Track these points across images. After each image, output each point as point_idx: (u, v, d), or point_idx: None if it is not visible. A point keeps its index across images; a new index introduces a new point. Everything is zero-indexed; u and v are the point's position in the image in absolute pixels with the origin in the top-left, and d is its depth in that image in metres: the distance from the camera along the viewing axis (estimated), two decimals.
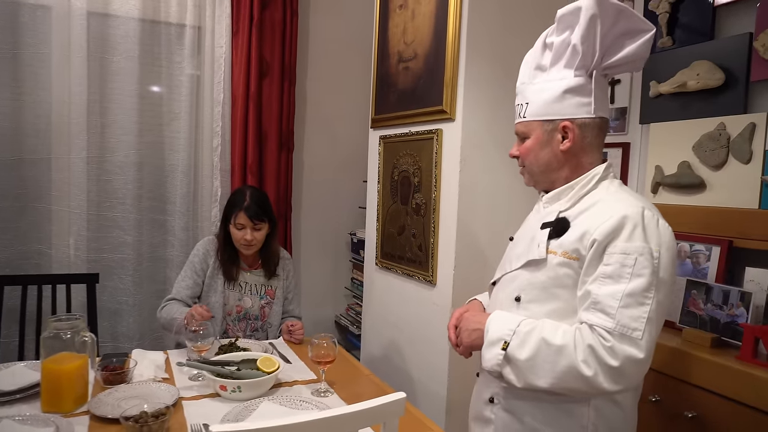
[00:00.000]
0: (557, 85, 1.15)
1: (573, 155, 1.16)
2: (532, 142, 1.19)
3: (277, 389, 1.58)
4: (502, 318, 1.14)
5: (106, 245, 2.67)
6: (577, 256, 1.09)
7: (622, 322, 1.00)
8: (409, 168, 2.17)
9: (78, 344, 1.41)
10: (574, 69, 1.14)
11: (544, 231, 1.16)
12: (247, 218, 1.97)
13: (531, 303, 1.15)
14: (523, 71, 1.25)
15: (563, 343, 1.03)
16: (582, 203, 1.14)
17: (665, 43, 1.76)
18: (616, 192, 1.13)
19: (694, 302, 1.53)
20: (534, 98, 1.18)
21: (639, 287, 1.01)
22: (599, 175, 1.15)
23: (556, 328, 1.07)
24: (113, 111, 2.62)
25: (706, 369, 1.37)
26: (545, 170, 1.19)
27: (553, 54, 1.18)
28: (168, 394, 1.47)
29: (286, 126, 2.91)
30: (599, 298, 1.03)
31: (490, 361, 1.12)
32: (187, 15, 2.69)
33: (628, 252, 1.02)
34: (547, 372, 1.04)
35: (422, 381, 2.10)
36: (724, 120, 1.57)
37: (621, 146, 1.94)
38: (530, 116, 1.18)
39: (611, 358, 0.99)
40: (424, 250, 2.08)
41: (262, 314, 2.12)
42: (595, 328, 1.02)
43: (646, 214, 1.06)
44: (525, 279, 1.17)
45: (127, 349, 2.71)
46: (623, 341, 1.00)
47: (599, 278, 1.04)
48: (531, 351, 1.06)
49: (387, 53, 2.31)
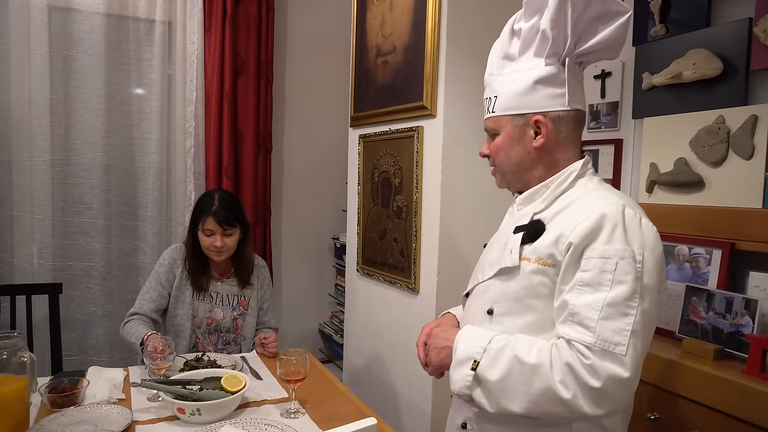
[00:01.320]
0: (527, 76, 1.05)
1: (547, 152, 1.06)
2: (503, 139, 1.08)
3: (243, 410, 1.45)
4: (472, 334, 1.03)
5: (72, 253, 2.53)
6: (552, 262, 0.98)
7: (603, 335, 0.89)
8: (390, 168, 2.05)
9: (15, 365, 1.27)
10: (544, 57, 1.04)
11: (517, 236, 1.05)
12: (215, 223, 1.84)
13: (504, 316, 1.04)
14: (491, 61, 1.15)
15: (538, 361, 0.92)
16: (558, 203, 1.04)
17: (658, 31, 1.65)
18: (595, 189, 1.03)
19: (695, 310, 1.41)
20: (503, 90, 1.08)
21: (621, 296, 0.90)
22: (576, 172, 1.05)
23: (531, 345, 0.95)
24: (78, 111, 2.49)
25: (708, 384, 1.26)
26: (517, 169, 1.09)
27: (521, 41, 1.07)
28: (120, 418, 1.34)
29: (263, 125, 2.78)
30: (577, 309, 0.92)
31: (458, 383, 1.00)
32: (157, 10, 2.56)
33: (607, 256, 0.92)
34: (521, 394, 0.93)
35: (406, 396, 1.98)
36: (723, 113, 1.46)
37: (613, 143, 1.83)
38: (499, 110, 1.08)
39: (592, 378, 0.88)
40: (406, 256, 1.95)
41: (235, 326, 1.98)
42: (573, 343, 0.91)
43: (627, 212, 0.95)
44: (497, 289, 1.06)
45: (96, 362, 2.57)
46: (605, 358, 0.88)
47: (576, 286, 0.93)
48: (503, 371, 0.95)
49: (365, 47, 2.19)
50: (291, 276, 3.09)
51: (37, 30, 2.35)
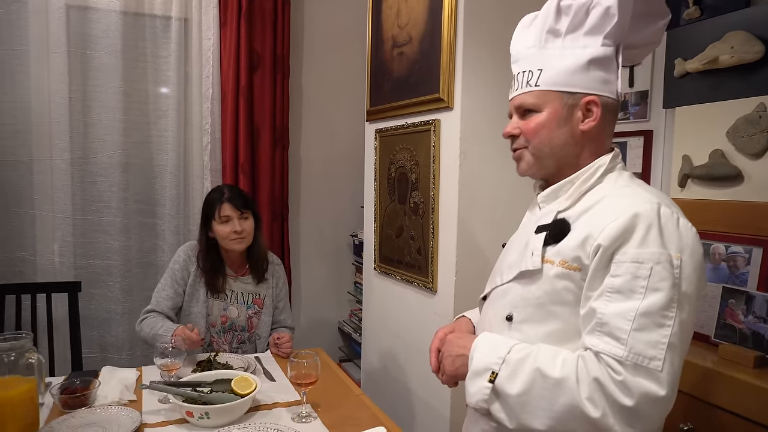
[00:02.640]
0: (581, 53, 0.96)
1: (590, 138, 0.98)
2: (548, 117, 0.97)
3: (254, 413, 1.41)
4: (489, 342, 0.96)
5: (92, 251, 2.54)
6: (578, 266, 0.90)
7: (636, 349, 0.81)
8: (406, 164, 1.98)
9: (23, 366, 1.26)
10: (602, 36, 0.96)
11: (539, 236, 0.97)
12: (232, 207, 1.84)
13: (525, 323, 0.96)
14: (529, 34, 1.04)
15: (563, 375, 0.85)
16: (584, 201, 0.96)
17: (692, 14, 1.54)
18: (626, 185, 0.95)
19: (732, 313, 1.31)
20: (550, 65, 0.97)
21: (656, 305, 0.82)
22: (604, 167, 0.97)
23: (554, 356, 0.88)
24: (96, 110, 2.49)
25: (747, 394, 1.17)
26: (557, 153, 0.99)
27: (571, 19, 0.98)
28: (129, 421, 1.32)
29: (280, 121, 2.74)
30: (606, 319, 0.84)
31: (474, 395, 0.93)
32: (172, 6, 2.54)
33: (641, 260, 0.83)
34: (544, 411, 0.85)
35: (424, 398, 1.92)
36: (764, 100, 1.36)
37: (642, 135, 1.72)
38: (545, 85, 0.97)
39: (624, 396, 0.80)
40: (423, 254, 1.89)
41: (250, 325, 1.95)
42: (602, 356, 0.83)
43: (663, 211, 0.87)
44: (517, 294, 0.98)
45: (116, 360, 2.59)
46: (638, 374, 0.80)
47: (606, 293, 0.85)
48: (524, 384, 0.87)
49: (381, 38, 2.13)
50: (310, 274, 3.05)
51: (56, 29, 2.36)
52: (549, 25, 1.00)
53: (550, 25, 1.00)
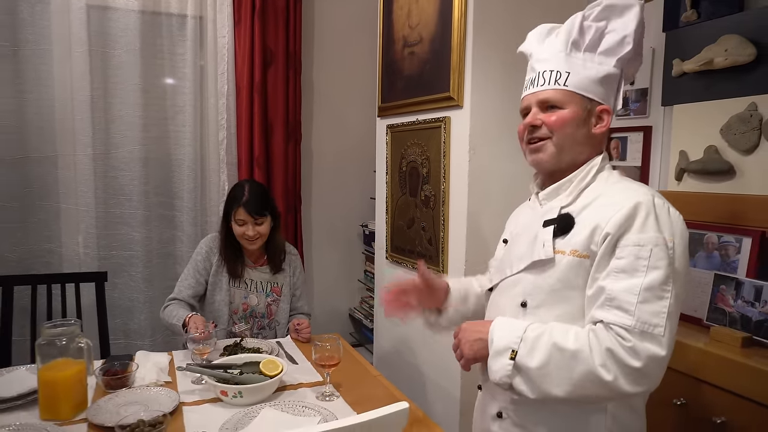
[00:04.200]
0: (598, 69, 1.11)
1: (598, 141, 1.13)
2: (571, 115, 1.09)
3: (281, 393, 1.52)
4: (506, 325, 1.06)
5: (115, 242, 2.65)
6: (587, 254, 1.02)
7: (643, 318, 0.94)
8: (417, 158, 2.08)
9: (74, 350, 1.37)
10: (616, 59, 1.10)
11: (548, 229, 1.08)
12: (246, 213, 1.92)
13: (539, 308, 1.07)
14: (556, 40, 1.16)
15: (577, 347, 0.97)
16: (584, 197, 1.09)
17: (689, 17, 1.62)
18: (618, 182, 1.09)
19: (723, 298, 1.42)
20: (576, 70, 1.10)
21: (657, 280, 0.95)
22: (597, 167, 1.11)
23: (566, 332, 1.00)
24: (117, 106, 2.58)
25: (736, 371, 1.27)
26: (575, 148, 1.11)
27: (590, 37, 1.12)
28: (168, 400, 1.43)
29: (292, 116, 2.84)
30: (614, 294, 0.96)
31: (498, 372, 1.03)
32: (188, 5, 2.62)
33: (642, 243, 0.97)
34: (563, 379, 0.97)
35: (435, 380, 2.04)
36: (755, 99, 1.45)
37: (642, 130, 1.82)
38: (574, 87, 1.10)
39: (633, 359, 0.93)
40: (434, 244, 1.99)
41: (269, 312, 2.07)
42: (612, 326, 0.95)
43: (657, 201, 1.01)
44: (530, 282, 1.10)
45: (138, 346, 2.70)
46: (645, 339, 0.93)
47: (612, 273, 0.98)
48: (543, 358, 0.99)
49: (392, 38, 2.21)
50: (321, 262, 3.17)
51: (77, 29, 2.44)
52: (573, 38, 1.13)
53: (575, 38, 1.13)
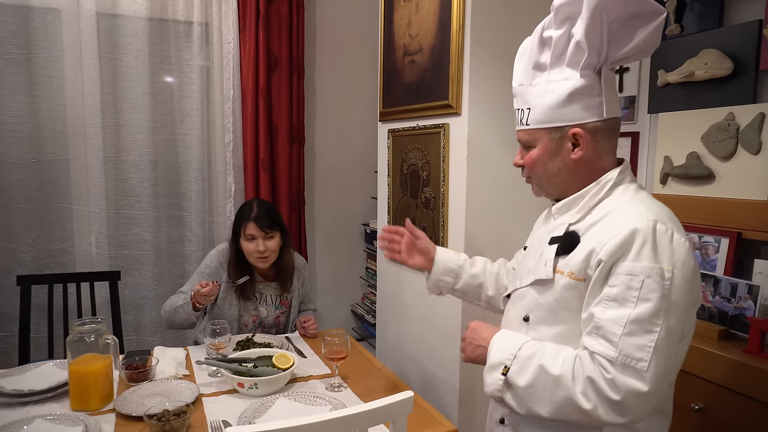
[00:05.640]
0: (562, 87, 1.02)
1: (586, 162, 1.05)
2: (539, 153, 1.07)
3: (293, 384, 1.64)
4: (505, 339, 1.09)
5: (126, 242, 2.75)
6: (583, 277, 1.00)
7: (626, 351, 0.91)
8: (418, 162, 2.18)
9: (101, 346, 1.48)
10: (579, 69, 1.00)
11: (552, 247, 1.07)
12: (257, 227, 1.94)
13: (539, 324, 1.09)
14: (519, 70, 1.13)
15: (561, 373, 0.97)
16: (593, 214, 1.05)
17: (673, 30, 1.73)
18: (630, 201, 1.02)
19: (703, 294, 1.53)
20: (536, 102, 1.06)
21: (645, 313, 0.91)
22: (612, 181, 1.05)
23: (556, 355, 1.00)
24: (126, 111, 2.67)
25: (713, 361, 1.38)
26: (556, 181, 1.09)
27: (552, 51, 1.04)
28: (188, 392, 1.54)
29: (296, 119, 2.93)
30: (602, 323, 0.95)
31: (491, 385, 1.07)
32: (194, 12, 2.71)
33: (634, 273, 0.93)
34: (546, 401, 0.99)
35: (435, 371, 2.15)
36: (733, 110, 1.55)
37: (630, 135, 1.93)
38: (534, 123, 1.07)
39: (612, 392, 0.92)
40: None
41: (277, 323, 2.14)
42: (596, 356, 0.95)
43: (659, 227, 0.95)
44: (533, 298, 1.10)
45: (150, 342, 2.81)
46: (626, 373, 0.91)
47: (603, 300, 0.96)
48: (530, 378, 1.00)
49: (393, 46, 2.31)
50: (324, 260, 3.28)
51: (87, 36, 2.52)
52: (534, 59, 1.08)
53: (535, 60, 1.07)
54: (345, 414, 1.06)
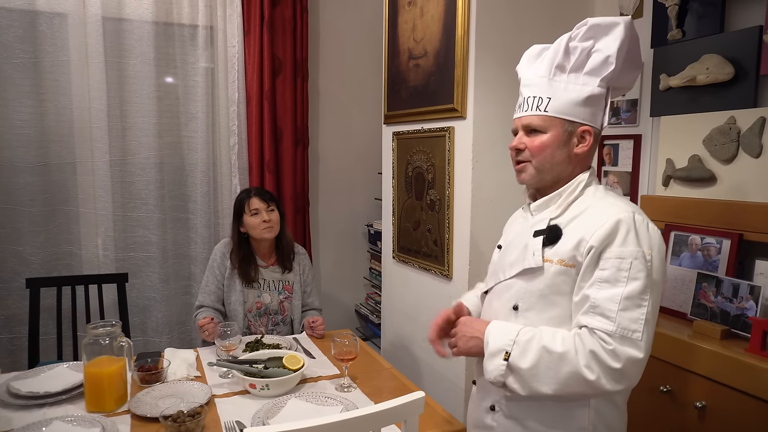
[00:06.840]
0: (581, 90, 1.18)
1: (580, 160, 1.20)
2: (551, 139, 1.18)
3: (303, 385, 1.66)
4: (500, 328, 1.16)
5: (132, 244, 2.77)
6: (573, 263, 1.12)
7: (623, 324, 1.04)
8: (423, 164, 2.21)
9: (116, 348, 1.50)
10: (599, 79, 1.17)
11: (538, 239, 1.18)
12: (260, 200, 2.11)
13: (529, 311, 1.18)
14: (541, 65, 1.23)
15: (564, 350, 1.07)
16: (571, 210, 1.18)
17: (675, 35, 1.76)
18: (604, 197, 1.17)
19: (705, 294, 1.56)
20: (557, 95, 1.18)
21: (636, 290, 1.05)
22: (584, 182, 1.20)
23: (554, 335, 1.10)
24: (132, 114, 2.70)
25: (715, 360, 1.41)
26: (555, 169, 1.20)
27: (575, 58, 1.18)
28: (201, 393, 1.56)
29: (300, 122, 2.96)
30: (598, 302, 1.07)
31: (492, 372, 1.13)
32: (199, 16, 2.73)
33: (623, 256, 1.06)
34: (551, 379, 1.07)
35: (440, 372, 2.18)
36: (734, 114, 1.58)
37: (632, 138, 1.96)
38: (553, 112, 1.18)
39: (613, 361, 1.03)
40: (439, 245, 2.13)
41: (282, 309, 2.19)
42: (596, 331, 1.06)
43: (637, 218, 1.10)
44: (521, 287, 1.19)
45: (156, 343, 2.84)
46: (624, 343, 1.04)
47: (596, 283, 1.08)
48: (533, 360, 1.09)
49: (397, 50, 2.33)
50: (329, 261, 3.30)
51: (94, 40, 2.54)
52: (558, 61, 1.20)
53: (559, 62, 1.20)
54: (359, 414, 1.09)
